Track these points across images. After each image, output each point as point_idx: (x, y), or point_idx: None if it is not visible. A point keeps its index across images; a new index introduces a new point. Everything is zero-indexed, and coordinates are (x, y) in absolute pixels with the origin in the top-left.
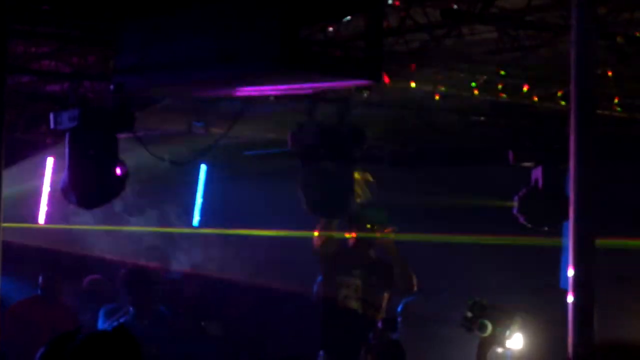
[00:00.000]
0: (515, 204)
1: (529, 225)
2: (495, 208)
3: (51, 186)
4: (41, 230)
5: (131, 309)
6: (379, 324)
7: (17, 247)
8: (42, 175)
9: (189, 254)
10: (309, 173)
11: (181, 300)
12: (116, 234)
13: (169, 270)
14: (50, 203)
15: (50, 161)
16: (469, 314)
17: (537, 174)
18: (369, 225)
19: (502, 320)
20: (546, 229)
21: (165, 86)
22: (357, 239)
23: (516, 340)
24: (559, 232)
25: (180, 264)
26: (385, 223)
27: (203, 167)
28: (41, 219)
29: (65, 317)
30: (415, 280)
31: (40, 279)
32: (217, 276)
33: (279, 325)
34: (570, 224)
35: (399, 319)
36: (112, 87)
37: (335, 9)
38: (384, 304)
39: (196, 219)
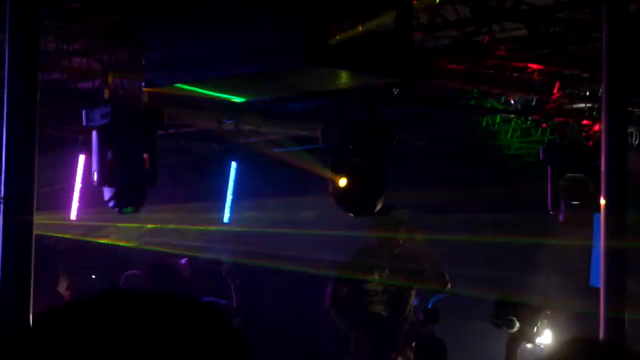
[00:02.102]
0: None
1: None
2: (527, 205)
3: (82, 183)
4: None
5: None
6: (420, 316)
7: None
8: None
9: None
10: (338, 170)
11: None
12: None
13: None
14: (82, 199)
15: (82, 158)
16: (496, 310)
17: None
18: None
19: (530, 317)
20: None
21: (191, 83)
22: (381, 239)
23: (545, 336)
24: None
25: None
26: (409, 222)
27: (233, 165)
28: (73, 214)
29: None
30: (448, 277)
31: None
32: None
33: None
34: (602, 221)
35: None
36: (142, 83)
37: (364, 5)
38: (411, 301)
39: (227, 215)
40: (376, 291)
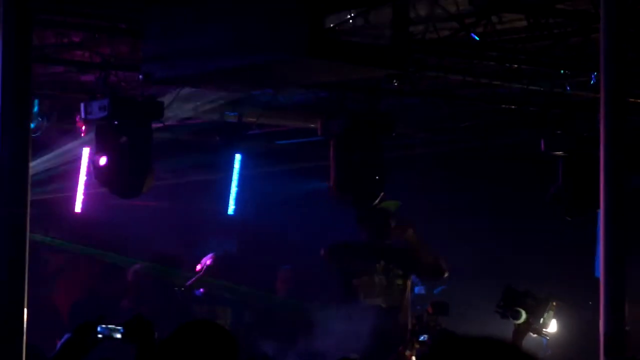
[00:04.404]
0: (550, 192)
1: (566, 216)
2: (529, 196)
3: (87, 175)
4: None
5: None
6: (429, 309)
7: None
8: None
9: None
10: (338, 162)
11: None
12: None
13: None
14: (86, 192)
15: (85, 151)
16: (503, 301)
17: (570, 162)
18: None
19: (536, 308)
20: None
21: (190, 76)
22: (373, 233)
23: (551, 326)
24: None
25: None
26: (398, 213)
27: (237, 157)
28: (77, 207)
29: None
30: (445, 265)
31: None
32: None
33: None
34: (601, 212)
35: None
36: (140, 76)
37: None
38: (407, 293)
39: (231, 207)
40: (372, 283)
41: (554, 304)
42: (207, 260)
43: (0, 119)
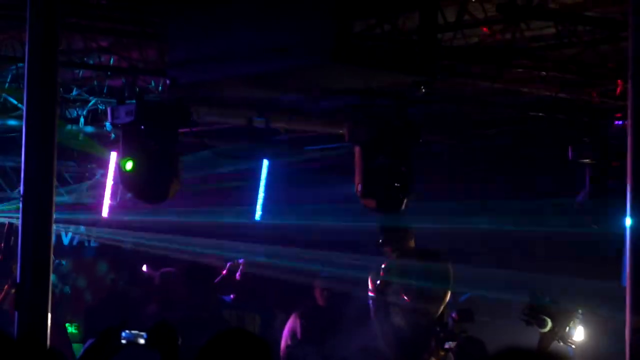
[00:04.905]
0: (577, 200)
1: (593, 225)
2: (557, 204)
3: (114, 180)
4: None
5: None
6: (455, 315)
7: None
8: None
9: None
10: (365, 168)
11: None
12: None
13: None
14: (114, 196)
15: (113, 155)
16: (529, 309)
17: (598, 170)
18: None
19: (562, 316)
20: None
21: (216, 80)
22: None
23: (577, 335)
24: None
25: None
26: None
27: (265, 162)
28: (105, 212)
29: None
30: (451, 272)
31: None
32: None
33: None
34: (628, 220)
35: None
36: (167, 81)
37: (389, 4)
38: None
39: (258, 213)
40: (398, 304)
41: (580, 312)
42: (239, 266)
43: (25, 128)
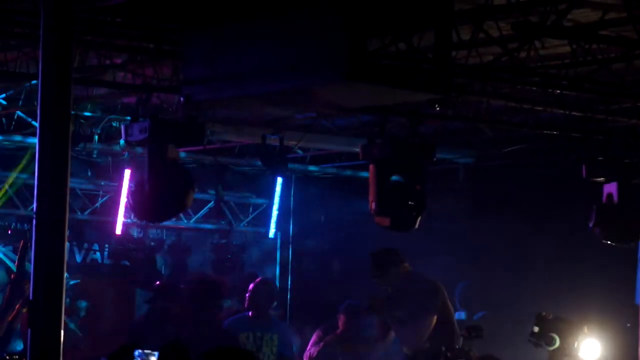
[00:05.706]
0: (591, 220)
1: (606, 242)
2: (570, 222)
3: (128, 197)
4: None
5: None
6: (464, 332)
7: None
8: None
9: None
10: (379, 186)
11: None
12: None
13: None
14: (127, 214)
15: (127, 173)
16: (536, 328)
17: (611, 189)
18: None
19: (569, 332)
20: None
21: (231, 98)
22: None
23: (586, 350)
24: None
25: None
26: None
27: (279, 180)
28: (118, 229)
29: None
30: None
31: None
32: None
33: None
34: None
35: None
36: (181, 98)
37: (403, 22)
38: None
39: (272, 231)
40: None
41: (586, 328)
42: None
43: (38, 146)
